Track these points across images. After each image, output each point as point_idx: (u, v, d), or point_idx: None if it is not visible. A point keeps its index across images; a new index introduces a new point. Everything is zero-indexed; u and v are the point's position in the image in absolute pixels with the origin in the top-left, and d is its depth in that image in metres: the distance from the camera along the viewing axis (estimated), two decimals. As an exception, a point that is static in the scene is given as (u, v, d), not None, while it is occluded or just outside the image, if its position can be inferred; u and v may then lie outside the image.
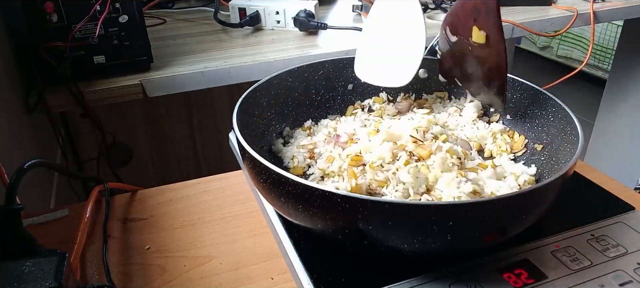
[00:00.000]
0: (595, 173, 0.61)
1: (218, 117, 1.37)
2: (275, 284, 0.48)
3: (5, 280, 0.36)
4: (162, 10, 1.21)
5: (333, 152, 0.55)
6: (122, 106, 1.17)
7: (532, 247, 0.46)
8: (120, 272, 0.49)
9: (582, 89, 2.92)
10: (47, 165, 0.54)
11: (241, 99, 0.55)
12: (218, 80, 0.85)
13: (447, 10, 1.17)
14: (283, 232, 0.48)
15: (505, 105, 0.59)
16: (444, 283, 0.42)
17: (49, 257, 0.38)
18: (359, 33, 0.98)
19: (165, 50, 0.93)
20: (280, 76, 0.63)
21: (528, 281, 0.42)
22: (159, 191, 0.62)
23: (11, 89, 0.73)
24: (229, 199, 0.60)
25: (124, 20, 0.78)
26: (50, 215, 0.57)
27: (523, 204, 0.41)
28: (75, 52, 0.77)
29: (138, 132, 1.31)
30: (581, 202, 0.54)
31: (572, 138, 0.50)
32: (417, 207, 0.39)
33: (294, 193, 0.41)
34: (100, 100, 0.79)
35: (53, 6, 0.73)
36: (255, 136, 0.58)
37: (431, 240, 0.40)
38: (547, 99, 0.57)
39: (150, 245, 0.53)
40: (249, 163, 0.47)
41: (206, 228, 0.55)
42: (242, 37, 1.01)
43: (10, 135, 0.67)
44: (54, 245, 0.42)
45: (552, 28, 1.13)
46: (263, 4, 1.04)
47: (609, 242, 0.47)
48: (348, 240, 0.43)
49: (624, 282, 0.42)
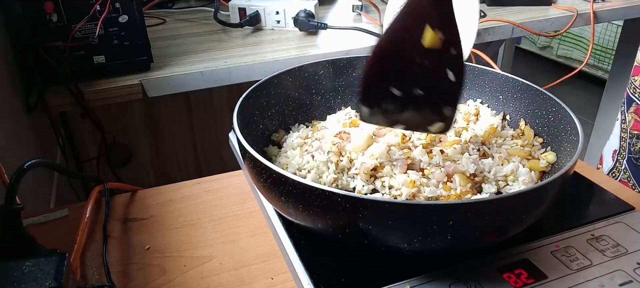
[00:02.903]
0: (595, 174, 0.61)
1: (218, 117, 1.37)
2: (275, 284, 0.48)
3: (5, 280, 0.36)
4: (162, 10, 1.21)
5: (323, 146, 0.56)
6: (122, 106, 1.17)
7: (532, 247, 0.46)
8: (120, 272, 0.49)
9: (582, 89, 2.92)
10: (47, 165, 0.54)
11: (241, 99, 0.55)
12: (218, 80, 0.85)
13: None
14: (283, 231, 0.48)
15: (451, 125, 0.51)
16: (444, 283, 0.42)
17: (49, 257, 0.38)
18: (359, 33, 0.98)
19: (165, 50, 0.93)
20: (280, 76, 0.63)
21: (528, 281, 0.42)
22: (159, 191, 0.62)
23: (11, 89, 0.73)
24: (229, 199, 0.60)
25: (124, 20, 0.78)
26: (50, 215, 0.56)
27: (523, 204, 0.41)
28: (75, 52, 0.77)
29: (138, 132, 1.31)
30: (581, 202, 0.54)
31: (572, 138, 0.50)
32: (417, 207, 0.39)
33: (294, 193, 0.41)
34: (100, 100, 0.79)
35: (53, 6, 0.73)
36: (255, 136, 0.58)
37: (431, 240, 0.40)
38: (547, 99, 0.57)
39: (150, 245, 0.53)
40: (249, 163, 0.47)
41: (206, 228, 0.55)
42: (242, 37, 1.01)
43: (10, 135, 0.67)
44: (54, 245, 0.42)
45: (552, 28, 1.13)
46: (263, 4, 1.04)
47: (609, 242, 0.47)
48: (348, 240, 0.43)
49: (624, 282, 0.42)
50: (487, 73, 0.65)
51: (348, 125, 0.60)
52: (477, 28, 0.54)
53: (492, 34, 1.06)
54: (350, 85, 0.69)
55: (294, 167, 0.55)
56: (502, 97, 0.64)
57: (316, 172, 0.53)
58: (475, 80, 0.66)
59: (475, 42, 1.01)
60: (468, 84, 0.67)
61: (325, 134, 0.58)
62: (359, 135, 0.55)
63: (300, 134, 0.60)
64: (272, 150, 0.59)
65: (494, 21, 1.06)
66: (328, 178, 0.52)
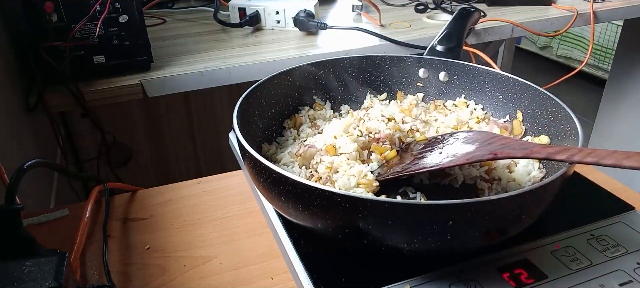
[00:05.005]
0: (595, 173, 0.61)
1: (218, 117, 1.37)
2: (275, 284, 0.48)
3: (5, 280, 0.36)
4: (162, 10, 1.21)
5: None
6: (122, 106, 1.17)
7: (532, 247, 0.46)
8: (120, 272, 0.49)
9: (582, 89, 2.92)
10: (47, 165, 0.54)
11: (241, 99, 0.55)
12: (218, 80, 0.85)
13: (447, 10, 1.17)
14: (283, 231, 0.48)
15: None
16: (444, 283, 0.42)
17: (49, 257, 0.38)
18: (359, 33, 0.98)
19: (165, 50, 0.93)
20: (280, 76, 0.63)
21: (528, 281, 0.42)
22: (158, 191, 0.62)
23: (11, 89, 0.73)
24: (229, 199, 0.60)
25: (124, 20, 0.78)
26: (50, 215, 0.57)
27: (523, 204, 0.41)
28: (75, 52, 0.77)
29: (138, 132, 1.31)
30: (581, 202, 0.54)
31: (572, 138, 0.50)
32: (417, 206, 0.39)
33: (294, 193, 0.42)
34: (100, 100, 0.79)
35: (53, 6, 0.73)
36: (255, 136, 0.58)
37: (431, 240, 0.40)
38: (547, 99, 0.57)
39: (150, 245, 0.53)
40: (249, 162, 0.47)
41: (206, 228, 0.55)
42: (242, 37, 1.01)
43: (10, 135, 0.67)
44: (54, 245, 0.42)
45: (552, 28, 1.13)
46: (263, 4, 1.04)
47: (609, 242, 0.47)
48: (348, 240, 0.43)
49: (624, 282, 0.42)
50: (487, 73, 0.65)
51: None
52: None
53: (492, 34, 1.06)
54: (350, 85, 0.69)
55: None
56: (502, 97, 0.64)
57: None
58: (475, 80, 0.66)
59: (475, 42, 1.02)
60: (468, 84, 0.67)
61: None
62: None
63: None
64: (271, 149, 0.59)
65: (494, 21, 1.06)
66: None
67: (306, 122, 0.63)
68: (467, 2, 1.21)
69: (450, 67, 0.68)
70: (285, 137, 0.62)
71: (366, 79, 0.69)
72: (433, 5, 1.20)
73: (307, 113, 0.65)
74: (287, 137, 0.62)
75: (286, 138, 0.62)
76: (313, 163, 0.54)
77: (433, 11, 1.18)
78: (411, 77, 0.70)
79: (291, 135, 0.62)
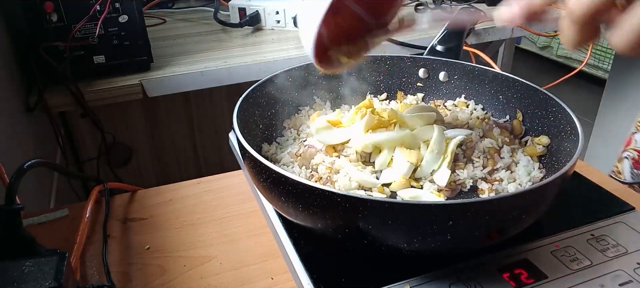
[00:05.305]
0: (595, 173, 0.61)
1: (218, 117, 1.37)
2: (275, 284, 0.48)
3: (5, 280, 0.36)
4: (162, 10, 1.21)
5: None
6: (122, 106, 1.17)
7: (532, 247, 0.46)
8: (120, 272, 0.49)
9: (582, 89, 2.92)
10: (47, 165, 0.54)
11: (241, 99, 0.55)
12: (218, 80, 0.85)
13: (447, 10, 1.17)
14: (283, 232, 0.48)
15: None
16: (444, 283, 0.42)
17: (49, 257, 0.38)
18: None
19: (165, 50, 0.93)
20: (280, 76, 0.63)
21: (528, 281, 0.42)
22: (158, 191, 0.62)
23: (11, 89, 0.73)
24: (229, 199, 0.60)
25: (124, 20, 0.78)
26: (50, 215, 0.57)
27: (523, 204, 0.41)
28: (75, 52, 0.77)
29: (138, 132, 1.30)
30: (581, 202, 0.54)
31: (572, 138, 0.50)
32: (417, 206, 0.39)
33: (294, 193, 0.41)
34: (100, 100, 0.79)
35: (53, 6, 0.73)
36: (255, 136, 0.58)
37: (431, 240, 0.40)
38: (547, 99, 0.57)
39: (150, 245, 0.53)
40: (249, 163, 0.47)
41: (206, 228, 0.55)
42: (242, 37, 1.01)
43: (10, 135, 0.68)
44: (54, 245, 0.42)
45: (552, 28, 1.13)
46: (263, 4, 1.04)
47: (609, 242, 0.47)
48: (348, 240, 0.43)
49: (624, 282, 0.42)
50: (487, 73, 0.65)
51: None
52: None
53: (492, 34, 1.06)
54: (350, 84, 0.69)
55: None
56: (502, 97, 0.64)
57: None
58: (475, 80, 0.66)
59: (475, 42, 1.02)
60: (468, 84, 0.67)
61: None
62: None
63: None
64: (271, 149, 0.59)
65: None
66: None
67: (306, 122, 0.64)
68: (467, 3, 1.21)
69: (450, 67, 0.68)
70: (285, 137, 0.62)
71: (366, 79, 0.69)
72: (433, 5, 1.20)
73: (307, 113, 0.65)
74: (287, 137, 0.62)
75: (286, 138, 0.62)
76: (313, 164, 0.54)
77: (434, 11, 1.18)
78: (411, 77, 0.70)
79: (291, 135, 0.62)
